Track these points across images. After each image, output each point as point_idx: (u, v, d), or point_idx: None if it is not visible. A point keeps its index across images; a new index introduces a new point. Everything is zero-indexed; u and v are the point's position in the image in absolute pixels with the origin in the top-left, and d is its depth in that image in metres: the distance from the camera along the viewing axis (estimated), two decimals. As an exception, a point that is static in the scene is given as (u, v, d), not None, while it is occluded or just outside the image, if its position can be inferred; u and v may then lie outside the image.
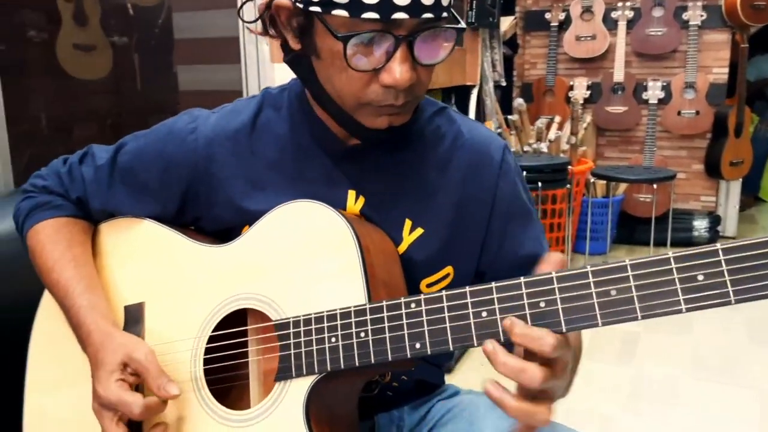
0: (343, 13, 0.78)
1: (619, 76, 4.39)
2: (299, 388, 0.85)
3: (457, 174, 0.99)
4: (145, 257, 1.02)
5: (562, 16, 4.51)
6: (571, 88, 4.56)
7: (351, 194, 0.97)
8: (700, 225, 4.30)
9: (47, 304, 1.06)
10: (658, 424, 2.43)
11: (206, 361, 0.93)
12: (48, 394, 1.04)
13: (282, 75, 2.41)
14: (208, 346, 0.93)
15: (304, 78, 0.93)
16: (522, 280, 0.73)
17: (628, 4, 4.32)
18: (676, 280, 0.67)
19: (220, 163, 0.99)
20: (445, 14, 0.81)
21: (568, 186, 3.62)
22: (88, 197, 1.04)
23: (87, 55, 3.34)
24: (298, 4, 0.83)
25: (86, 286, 0.98)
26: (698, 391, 2.65)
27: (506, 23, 4.04)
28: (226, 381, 0.96)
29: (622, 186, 4.22)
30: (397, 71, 0.81)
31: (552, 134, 3.93)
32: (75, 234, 1.04)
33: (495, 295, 0.74)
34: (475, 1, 2.80)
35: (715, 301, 0.66)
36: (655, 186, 3.78)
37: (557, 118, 4.30)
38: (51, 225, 1.03)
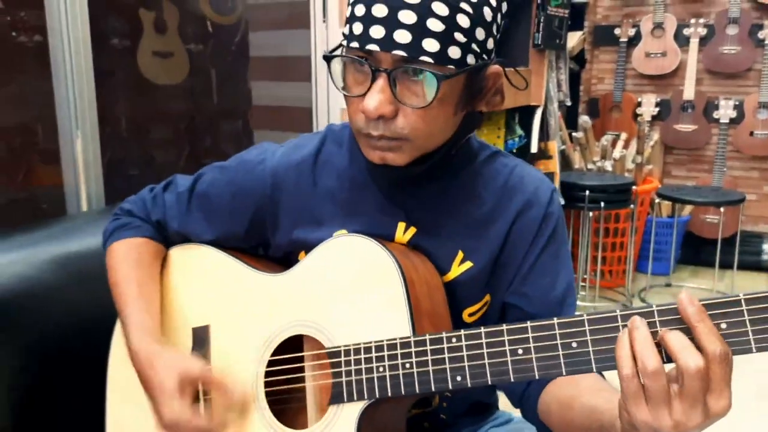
0: (344, 42, 0.90)
1: (689, 93, 4.33)
2: (351, 412, 0.91)
3: (508, 213, 1.04)
4: (210, 282, 1.10)
5: (632, 31, 4.47)
6: (639, 104, 4.51)
7: (401, 226, 1.03)
8: (770, 248, 4.21)
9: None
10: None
11: (266, 383, 1.01)
12: (124, 406, 1.14)
13: (348, 94, 2.50)
14: (268, 369, 1.01)
15: None
16: (555, 321, 0.78)
17: (701, 21, 4.26)
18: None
19: (285, 192, 1.07)
20: (428, 58, 0.85)
21: (632, 206, 3.60)
22: (167, 219, 1.14)
23: (165, 61, 3.52)
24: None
25: (140, 307, 1.05)
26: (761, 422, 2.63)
27: (574, 39, 4.02)
28: (284, 401, 1.03)
29: (689, 206, 4.16)
30: (369, 99, 0.86)
31: (617, 153, 3.91)
32: (144, 255, 1.13)
33: (530, 334, 0.79)
34: (542, 23, 2.83)
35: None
36: (722, 209, 3.71)
37: (623, 135, 4.27)
38: (125, 245, 1.13)
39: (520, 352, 0.80)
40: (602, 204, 3.38)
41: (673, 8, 4.38)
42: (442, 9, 0.84)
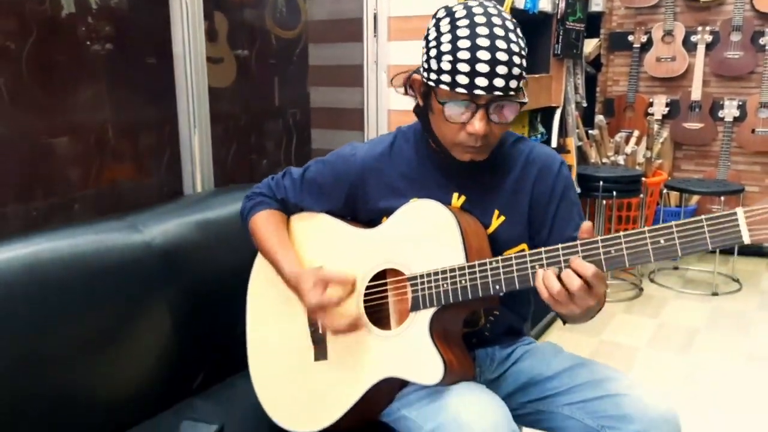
0: (446, 87, 1.30)
1: (696, 94, 4.74)
2: (425, 315, 1.37)
3: (529, 179, 1.49)
4: (322, 236, 1.56)
5: (644, 38, 4.89)
6: (651, 104, 4.93)
7: (455, 195, 1.49)
8: (771, 235, 4.61)
9: (258, 267, 1.62)
10: (709, 407, 2.84)
11: (365, 301, 1.46)
12: (260, 325, 1.61)
13: (396, 99, 2.94)
14: (366, 292, 1.46)
15: (424, 123, 1.46)
16: (559, 246, 1.22)
17: (707, 28, 4.67)
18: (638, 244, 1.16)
19: (370, 175, 1.53)
20: (513, 93, 1.30)
21: (641, 196, 4.02)
22: (288, 197, 1.60)
23: (215, 66, 3.94)
24: (424, 79, 1.37)
25: (284, 249, 1.53)
26: (748, 384, 3.05)
27: (591, 45, 4.43)
28: (375, 314, 1.48)
29: (695, 197, 4.57)
30: (477, 125, 1.31)
31: (629, 149, 4.33)
32: (278, 221, 1.60)
33: (543, 256, 1.23)
34: (561, 36, 3.27)
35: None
36: (722, 198, 4.13)
37: (636, 133, 4.69)
38: (263, 215, 1.60)
39: (536, 266, 1.25)
40: (614, 193, 3.81)
41: (681, 17, 4.80)
42: (518, 60, 1.29)
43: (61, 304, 1.48)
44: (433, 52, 1.32)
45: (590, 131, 4.41)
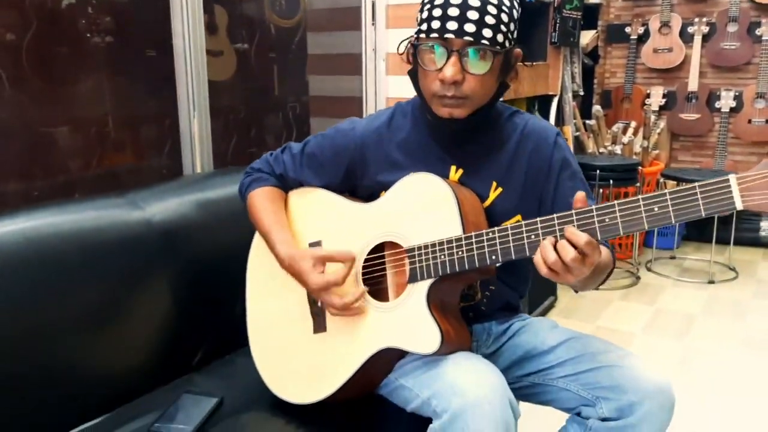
0: (423, 35, 1.35)
1: (693, 85, 4.76)
2: (423, 286, 1.38)
3: (525, 152, 1.50)
4: (320, 212, 1.57)
5: (641, 29, 4.92)
6: (648, 95, 4.95)
7: (453, 168, 1.50)
8: (767, 225, 4.64)
9: (256, 243, 1.64)
10: (705, 393, 2.87)
11: (363, 275, 1.48)
12: (259, 300, 1.62)
13: (394, 85, 2.96)
14: (364, 265, 1.48)
15: (414, 84, 1.47)
16: (555, 215, 1.24)
17: (704, 19, 4.69)
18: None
19: (369, 148, 1.55)
20: (486, 42, 1.31)
21: (638, 185, 4.04)
22: (287, 172, 1.62)
23: (215, 59, 3.96)
24: (414, 37, 1.40)
25: (279, 228, 1.54)
26: (743, 369, 3.07)
27: (588, 36, 4.45)
28: (372, 284, 1.49)
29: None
30: (447, 70, 1.34)
31: (626, 138, 4.36)
32: (274, 197, 1.61)
33: (539, 225, 1.25)
34: (558, 24, 3.29)
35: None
36: (719, 187, 4.14)
37: (633, 124, 4.71)
38: (260, 192, 1.61)
39: (532, 237, 1.26)
40: (611, 182, 3.83)
41: (678, 8, 4.83)
42: (493, 10, 1.32)
43: (60, 279, 1.50)
44: (419, 8, 1.37)
45: (587, 121, 4.43)
